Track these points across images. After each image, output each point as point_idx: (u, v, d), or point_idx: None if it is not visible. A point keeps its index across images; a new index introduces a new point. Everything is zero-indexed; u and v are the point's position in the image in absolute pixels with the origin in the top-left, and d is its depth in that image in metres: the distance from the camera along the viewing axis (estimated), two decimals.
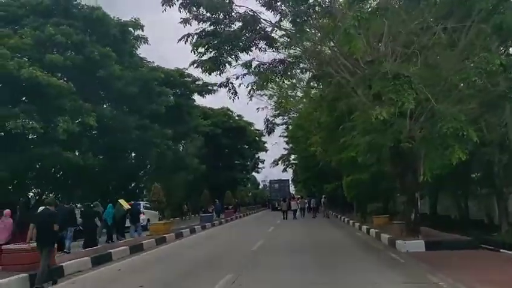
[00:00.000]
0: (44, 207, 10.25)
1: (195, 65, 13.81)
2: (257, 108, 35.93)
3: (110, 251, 12.81)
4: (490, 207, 20.12)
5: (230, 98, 14.87)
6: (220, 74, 13.88)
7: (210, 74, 13.83)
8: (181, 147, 46.25)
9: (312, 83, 29.45)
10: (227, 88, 14.57)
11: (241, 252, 12.98)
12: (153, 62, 33.99)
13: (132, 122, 27.70)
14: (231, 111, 62.66)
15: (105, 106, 27.69)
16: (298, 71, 17.47)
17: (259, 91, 39.50)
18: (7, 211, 11.85)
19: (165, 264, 11.62)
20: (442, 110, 10.06)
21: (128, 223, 18.38)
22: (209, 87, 40.33)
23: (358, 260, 10.73)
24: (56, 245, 9.93)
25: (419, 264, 9.68)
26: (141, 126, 29.71)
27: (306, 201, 40.41)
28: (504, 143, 15.20)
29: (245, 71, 14.43)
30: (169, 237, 17.42)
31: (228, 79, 14.46)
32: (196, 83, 40.25)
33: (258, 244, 14.80)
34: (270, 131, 37.62)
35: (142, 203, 26.55)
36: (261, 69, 14.19)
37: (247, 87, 14.80)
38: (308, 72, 19.47)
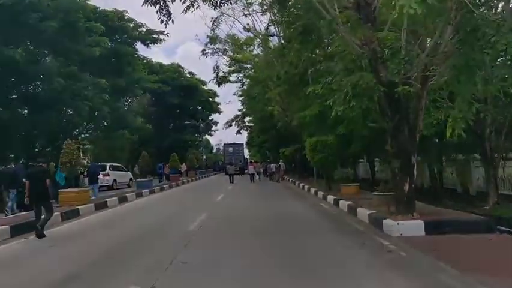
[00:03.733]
0: (35, 164, 10.77)
1: None
2: (202, 51, 31.21)
3: None
4: (465, 175, 17.70)
5: (162, 22, 10.77)
6: None
7: None
8: (124, 104, 41.34)
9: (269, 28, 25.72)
10: (157, 6, 10.42)
11: (171, 235, 9.26)
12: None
13: (54, 67, 22.70)
14: (182, 68, 57.70)
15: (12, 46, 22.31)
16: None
17: (212, 44, 35.44)
18: None
19: (42, 260, 7.77)
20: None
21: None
22: (154, 36, 35.23)
23: (335, 252, 7.32)
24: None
25: (426, 259, 6.43)
26: (67, 74, 24.74)
27: (261, 165, 40.65)
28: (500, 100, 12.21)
29: None
30: (85, 210, 13.41)
31: None
32: (140, 29, 35.01)
33: (199, 220, 11.14)
34: (221, 81, 34.09)
35: (108, 164, 26.74)
36: None
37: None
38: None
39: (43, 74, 22.76)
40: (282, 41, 24.30)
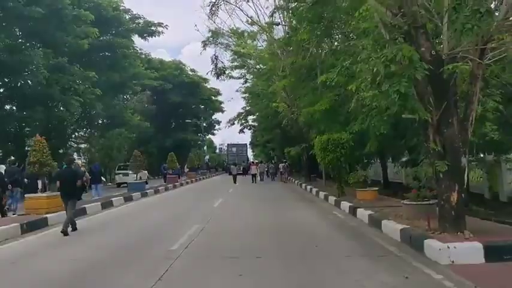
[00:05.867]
0: (66, 165, 11.10)
1: None
2: (203, 44, 29.01)
3: None
4: (494, 177, 15.43)
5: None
6: None
7: None
8: (122, 101, 39.32)
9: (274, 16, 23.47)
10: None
11: (145, 260, 7.09)
12: None
13: (39, 58, 20.61)
14: (184, 65, 55.61)
15: None
16: None
17: (214, 39, 33.28)
18: None
19: None
20: None
21: None
22: (152, 28, 33.10)
23: None
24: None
25: None
26: (55, 67, 22.69)
27: (265, 165, 41.08)
28: None
29: None
30: (51, 219, 11.25)
31: None
32: (137, 21, 32.91)
33: (186, 236, 9.00)
34: (220, 72, 31.93)
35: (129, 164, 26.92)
36: None
37: None
38: None
39: (27, 65, 20.69)
40: (288, 32, 22.20)
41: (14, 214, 12.72)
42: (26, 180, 15.29)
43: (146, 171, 33.57)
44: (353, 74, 9.84)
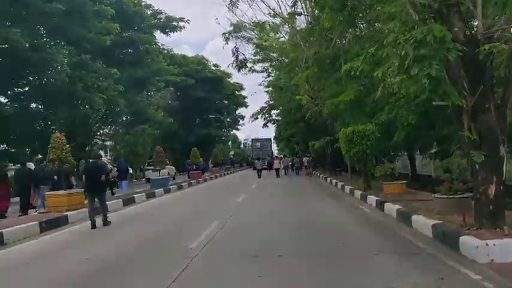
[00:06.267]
0: (92, 160, 11.62)
1: None
2: (224, 37, 28.69)
3: None
4: None
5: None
6: None
7: None
8: (146, 98, 39.44)
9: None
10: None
11: (163, 258, 6.83)
12: None
13: (60, 54, 20.72)
14: (206, 60, 55.52)
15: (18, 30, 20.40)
16: None
17: (236, 32, 32.91)
18: None
19: None
20: None
21: None
22: (174, 23, 32.99)
23: None
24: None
25: None
26: (77, 64, 22.82)
27: (289, 159, 40.29)
28: None
29: None
30: (71, 216, 11.14)
31: None
32: (158, 17, 32.84)
33: (208, 232, 8.73)
34: (241, 64, 31.57)
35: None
36: None
37: None
38: None
39: (51, 63, 20.83)
40: (311, 22, 21.60)
41: (36, 212, 12.78)
42: (55, 177, 15.34)
43: (174, 167, 34.87)
44: (379, 61, 9.31)
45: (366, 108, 16.84)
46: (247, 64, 32.66)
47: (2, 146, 23.57)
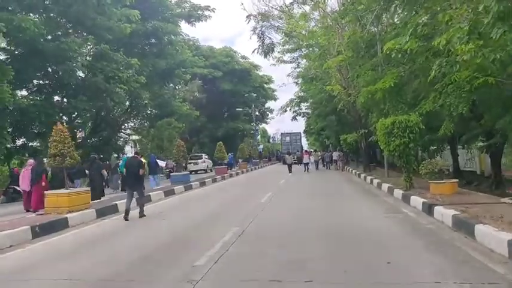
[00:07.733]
0: (131, 155, 13.10)
1: None
2: (247, 18, 27.13)
3: None
4: None
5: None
6: None
7: None
8: (173, 91, 38.49)
9: None
10: None
11: (159, 283, 5.39)
12: None
13: (74, 44, 19.71)
14: (234, 52, 54.12)
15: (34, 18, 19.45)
16: None
17: (263, 22, 31.29)
18: (30, 161, 13.83)
19: None
20: None
21: None
22: (199, 12, 31.68)
23: None
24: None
25: None
26: (98, 54, 21.84)
27: (319, 154, 39.62)
28: None
29: None
30: (72, 219, 9.91)
31: None
32: (183, 6, 31.59)
33: (222, 242, 7.28)
34: (268, 50, 29.93)
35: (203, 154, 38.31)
36: None
37: None
38: None
39: (72, 54, 19.93)
40: (344, 3, 19.78)
41: (34, 213, 11.75)
42: (86, 172, 15.80)
43: (211, 160, 37.21)
44: (431, 34, 7.59)
45: (407, 97, 15.03)
46: (275, 50, 31.00)
47: (21, 140, 22.95)
